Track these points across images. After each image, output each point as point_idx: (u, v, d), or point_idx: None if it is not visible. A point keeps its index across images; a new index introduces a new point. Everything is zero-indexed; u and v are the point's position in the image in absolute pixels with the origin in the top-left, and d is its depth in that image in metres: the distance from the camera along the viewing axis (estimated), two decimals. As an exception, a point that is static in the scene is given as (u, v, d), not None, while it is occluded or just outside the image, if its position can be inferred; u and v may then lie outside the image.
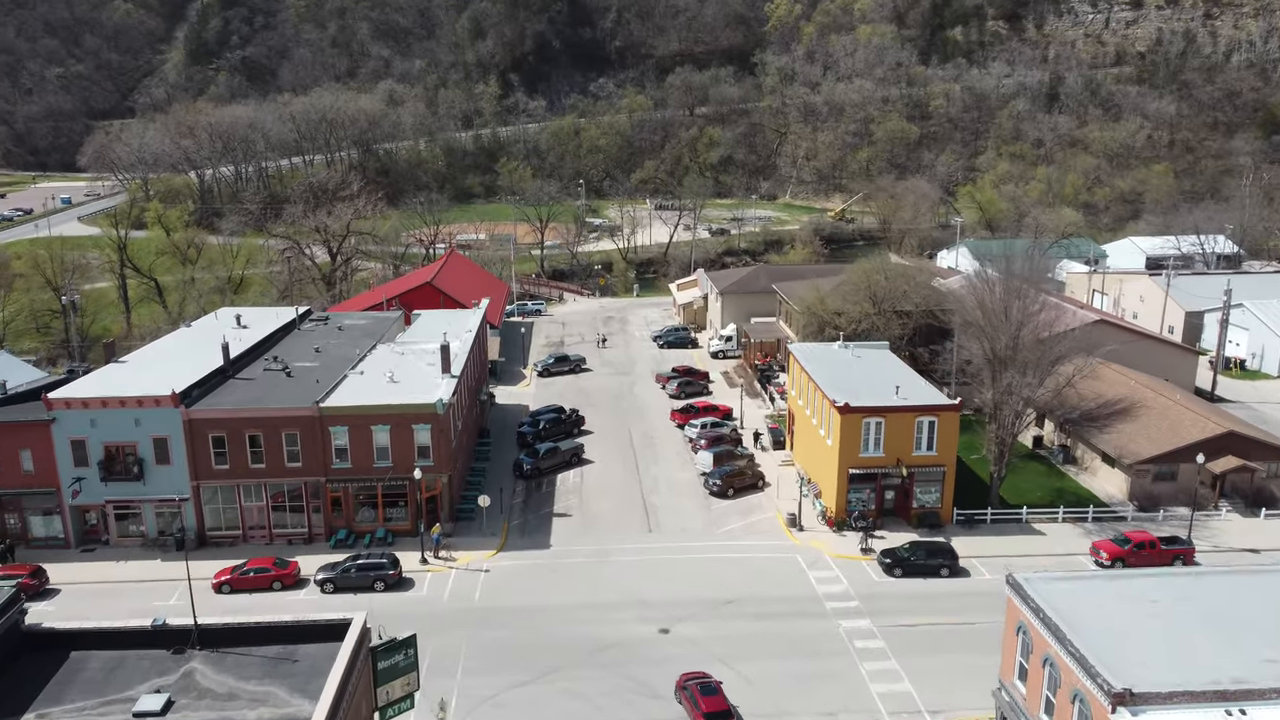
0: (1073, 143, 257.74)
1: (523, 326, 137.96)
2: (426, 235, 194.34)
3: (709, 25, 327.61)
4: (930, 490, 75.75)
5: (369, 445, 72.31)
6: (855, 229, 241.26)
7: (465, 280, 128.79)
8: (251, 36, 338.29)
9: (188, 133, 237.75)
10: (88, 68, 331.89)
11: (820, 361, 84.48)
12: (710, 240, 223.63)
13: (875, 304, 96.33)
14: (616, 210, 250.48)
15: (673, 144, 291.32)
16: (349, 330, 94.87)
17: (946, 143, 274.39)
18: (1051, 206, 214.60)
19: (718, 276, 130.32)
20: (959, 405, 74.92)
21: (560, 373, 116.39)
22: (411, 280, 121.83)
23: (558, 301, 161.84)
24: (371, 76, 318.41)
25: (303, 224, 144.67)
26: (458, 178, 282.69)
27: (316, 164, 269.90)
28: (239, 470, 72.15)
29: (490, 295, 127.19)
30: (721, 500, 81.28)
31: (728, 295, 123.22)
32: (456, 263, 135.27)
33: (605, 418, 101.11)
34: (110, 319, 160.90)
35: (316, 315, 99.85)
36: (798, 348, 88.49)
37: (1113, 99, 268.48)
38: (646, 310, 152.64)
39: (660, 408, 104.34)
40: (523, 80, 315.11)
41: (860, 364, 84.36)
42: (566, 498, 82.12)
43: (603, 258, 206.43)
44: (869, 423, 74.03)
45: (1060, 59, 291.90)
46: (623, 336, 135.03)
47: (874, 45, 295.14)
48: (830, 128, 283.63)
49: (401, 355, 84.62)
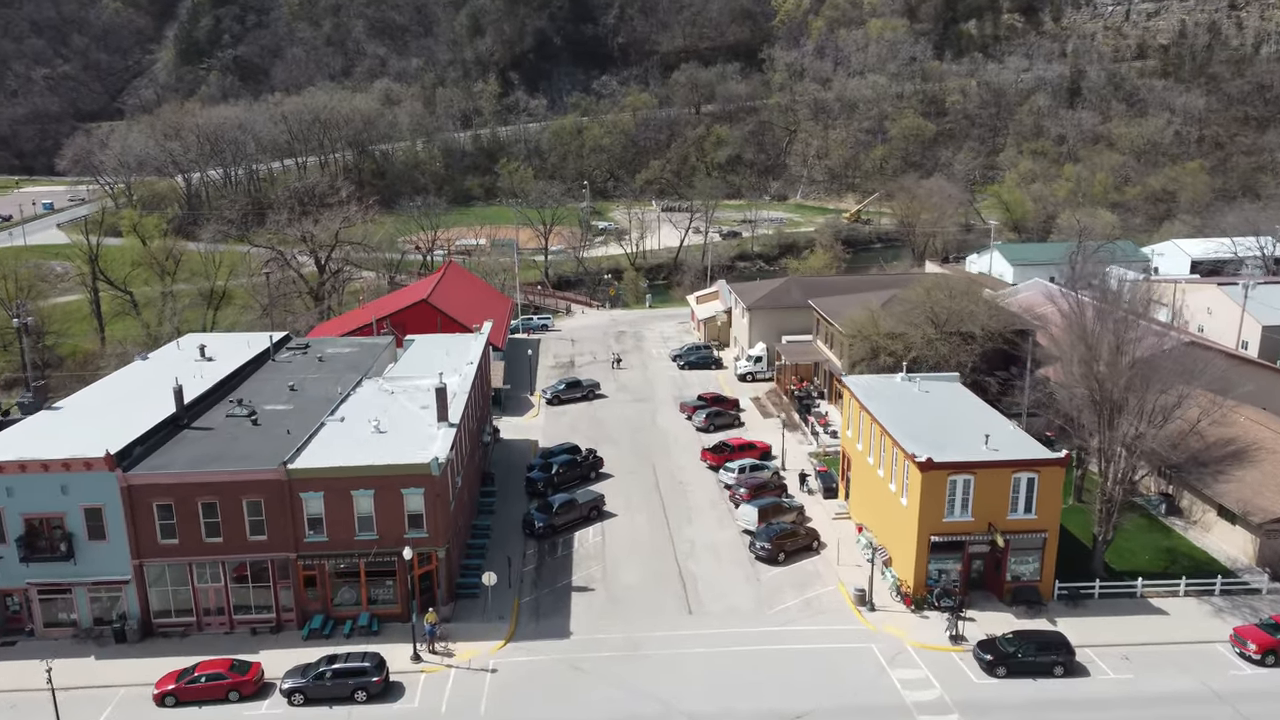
0: (1096, 139, 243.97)
1: (529, 346, 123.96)
2: (424, 241, 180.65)
3: (714, 20, 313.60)
4: (1027, 560, 61.93)
5: (349, 513, 58.44)
6: (872, 230, 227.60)
7: (465, 295, 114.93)
8: (244, 35, 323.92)
9: (173, 134, 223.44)
10: (75, 68, 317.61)
11: (883, 399, 70.63)
12: (722, 244, 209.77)
13: (937, 327, 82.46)
14: (622, 212, 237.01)
15: (679, 143, 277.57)
16: (331, 361, 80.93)
17: (964, 140, 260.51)
18: (1081, 207, 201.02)
19: (743, 290, 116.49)
20: (1066, 459, 61.02)
21: (572, 400, 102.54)
22: (405, 297, 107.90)
23: (565, 314, 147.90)
24: (367, 75, 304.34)
25: (287, 233, 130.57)
26: (456, 179, 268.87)
27: (310, 166, 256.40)
28: (191, 545, 58.29)
29: (492, 313, 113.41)
30: (771, 567, 67.40)
31: (756, 311, 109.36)
32: (455, 275, 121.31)
33: (626, 455, 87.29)
34: (82, 335, 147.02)
35: (295, 343, 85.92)
36: (855, 382, 74.62)
37: (1137, 93, 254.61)
38: (662, 324, 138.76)
39: (687, 442, 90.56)
40: (523, 78, 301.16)
41: (930, 402, 70.53)
42: (587, 564, 68.28)
43: (610, 264, 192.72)
44: (955, 481, 60.19)
45: (1079, 52, 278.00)
46: (639, 355, 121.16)
47: (886, 39, 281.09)
48: (842, 125, 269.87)
49: (391, 396, 70.73)
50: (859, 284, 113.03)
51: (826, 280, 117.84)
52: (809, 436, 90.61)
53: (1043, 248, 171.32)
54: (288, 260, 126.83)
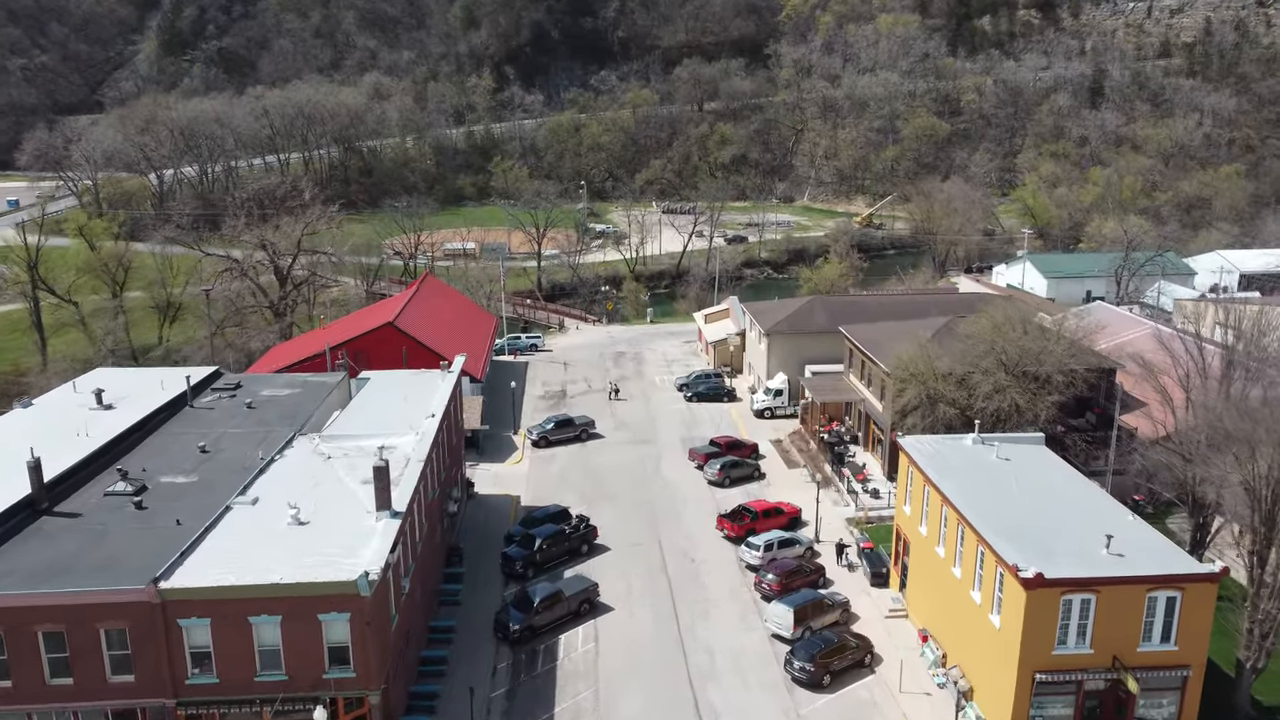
0: (1119, 141, 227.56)
1: (514, 371, 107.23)
2: (407, 245, 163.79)
3: (718, 14, 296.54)
4: (1162, 703, 45.69)
5: (247, 647, 42.05)
6: (885, 236, 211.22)
7: (440, 315, 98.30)
8: (229, 26, 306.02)
9: (145, 129, 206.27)
10: (53, 59, 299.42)
11: (956, 472, 54.27)
12: (727, 250, 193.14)
13: (1008, 369, 66.05)
14: (621, 214, 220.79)
15: (681, 141, 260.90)
16: (263, 408, 64.33)
17: (979, 141, 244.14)
18: (1112, 213, 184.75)
19: (759, 310, 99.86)
20: (1222, 574, 44.64)
21: (563, 441, 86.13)
22: (369, 318, 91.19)
23: (558, 330, 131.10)
24: (357, 69, 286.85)
25: (243, 240, 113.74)
26: (448, 178, 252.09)
27: (293, 163, 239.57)
28: (29, 689, 41.87)
29: (472, 335, 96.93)
30: (814, 695, 51.06)
31: (776, 338, 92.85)
32: (431, 291, 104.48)
33: (626, 520, 70.94)
34: (22, 350, 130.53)
35: (224, 382, 69.20)
36: (917, 447, 58.13)
37: (1162, 93, 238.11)
38: (665, 343, 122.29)
39: (699, 500, 74.28)
40: (519, 73, 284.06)
41: (1016, 476, 54.15)
42: (574, 687, 51.84)
43: (608, 270, 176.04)
44: (1071, 601, 43.87)
45: (1099, 50, 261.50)
46: (639, 383, 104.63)
47: (898, 35, 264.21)
48: (852, 124, 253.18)
49: (326, 463, 54.27)
50: (894, 306, 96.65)
51: (855, 301, 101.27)
52: (844, 495, 74.27)
53: (1079, 259, 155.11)
54: (244, 270, 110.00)
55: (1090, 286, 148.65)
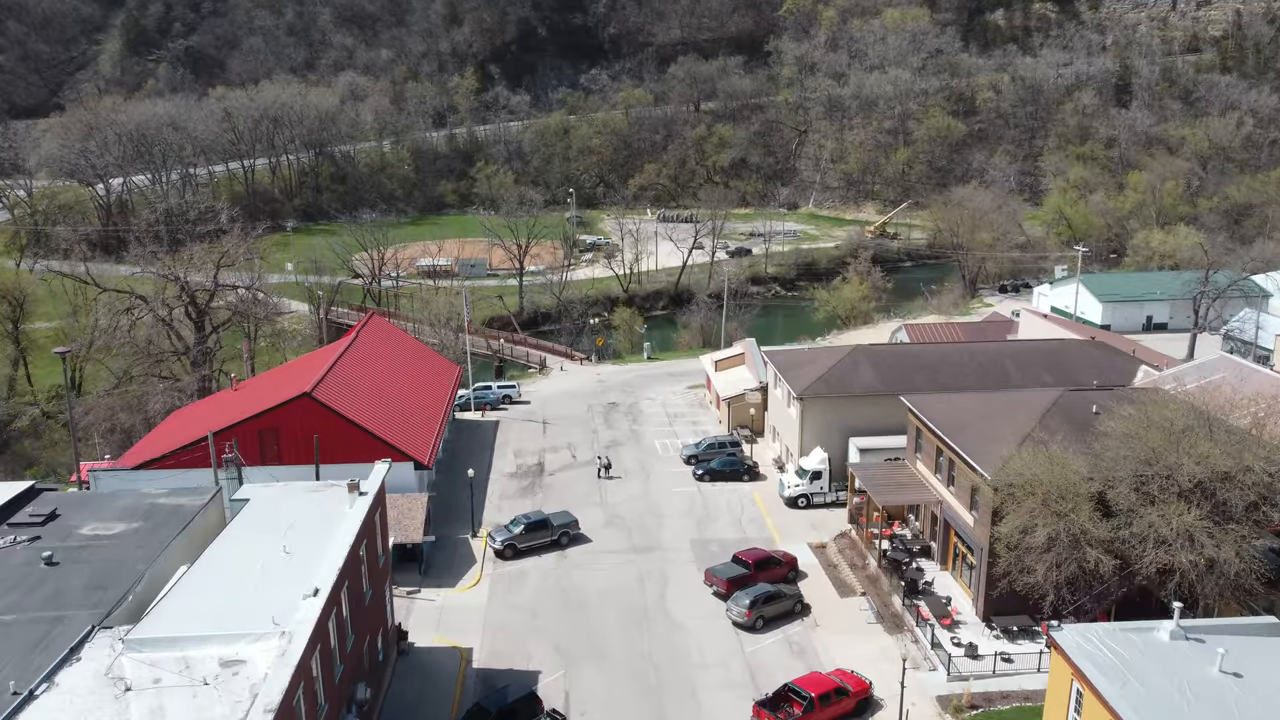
0: (1149, 142, 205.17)
1: (479, 438, 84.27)
2: (371, 262, 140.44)
3: (714, 10, 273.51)
4: None
5: None
6: (901, 247, 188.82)
7: (382, 373, 75.24)
8: (197, 24, 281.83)
9: (88, 134, 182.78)
10: (11, 59, 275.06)
11: (1159, 701, 31.82)
12: (730, 264, 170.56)
13: (1184, 496, 43.56)
14: (612, 222, 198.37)
15: (676, 144, 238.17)
16: (68, 565, 41.44)
17: (997, 142, 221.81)
18: (1155, 223, 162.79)
19: (787, 363, 76.96)
20: None
21: (536, 548, 63.57)
22: (281, 386, 67.93)
23: (537, 371, 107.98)
24: (332, 68, 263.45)
25: (149, 272, 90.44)
26: (428, 184, 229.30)
27: (259, 170, 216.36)
28: None
29: (423, 404, 74.12)
30: None
31: (813, 403, 70.25)
32: (374, 339, 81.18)
33: (619, 692, 48.47)
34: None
35: (31, 512, 46.31)
36: (1083, 648, 35.54)
37: (1195, 91, 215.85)
38: (665, 389, 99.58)
39: (721, 658, 51.84)
40: (504, 72, 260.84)
41: (1262, 710, 31.73)
42: None
43: (598, 291, 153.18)
44: None
45: (1119, 45, 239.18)
46: (635, 449, 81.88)
47: (909, 30, 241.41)
48: (860, 125, 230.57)
49: (121, 702, 31.50)
50: (957, 359, 74.27)
51: (906, 352, 78.44)
52: (925, 649, 51.68)
53: (1136, 279, 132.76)
54: (154, 310, 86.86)
55: (1151, 311, 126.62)
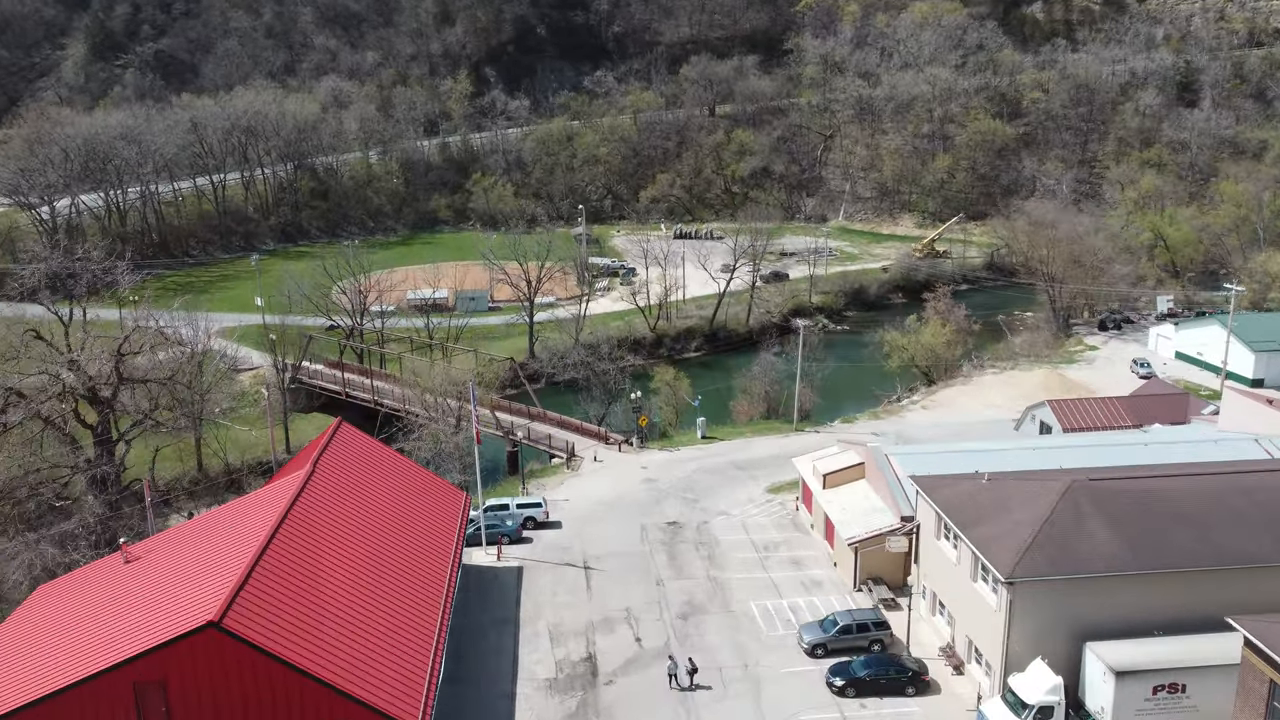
0: (1220, 145, 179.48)
1: (494, 609, 57.26)
2: (352, 299, 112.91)
3: (726, 5, 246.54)
4: None
5: None
6: (955, 267, 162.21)
7: (345, 545, 47.55)
8: (168, 26, 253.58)
9: (29, 148, 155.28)
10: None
11: None
12: (768, 292, 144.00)
13: None
14: (624, 238, 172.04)
15: (691, 152, 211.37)
16: None
17: (1047, 147, 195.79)
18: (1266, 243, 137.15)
19: (955, 501, 49.80)
20: None
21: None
22: (190, 569, 41.19)
23: (564, 465, 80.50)
24: (314, 72, 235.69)
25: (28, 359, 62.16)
26: (419, 199, 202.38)
27: (231, 185, 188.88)
28: None
29: (413, 596, 47.32)
30: None
31: (1027, 591, 43.49)
32: (338, 473, 53.14)
33: None
34: None
35: None
36: None
37: (1269, 89, 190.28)
38: (737, 493, 72.27)
39: None
40: (501, 75, 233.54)
41: None
42: None
43: (621, 328, 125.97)
44: None
45: (1173, 39, 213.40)
46: (724, 621, 54.51)
47: (943, 25, 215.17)
48: (894, 129, 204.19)
49: None
50: (1213, 497, 47.98)
51: (1150, 490, 49.95)
52: None
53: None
54: (37, 410, 59.76)
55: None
